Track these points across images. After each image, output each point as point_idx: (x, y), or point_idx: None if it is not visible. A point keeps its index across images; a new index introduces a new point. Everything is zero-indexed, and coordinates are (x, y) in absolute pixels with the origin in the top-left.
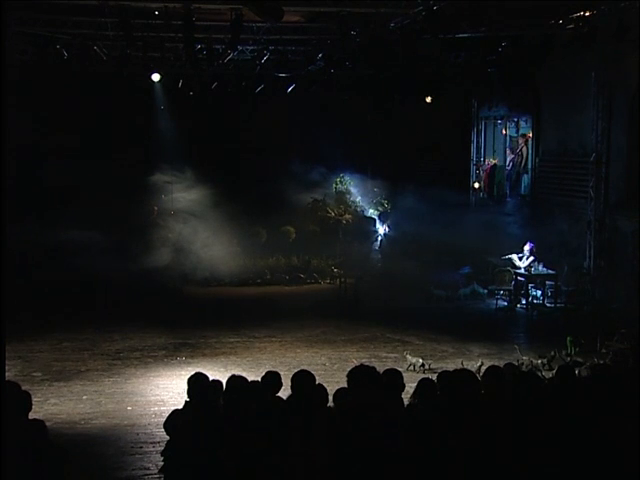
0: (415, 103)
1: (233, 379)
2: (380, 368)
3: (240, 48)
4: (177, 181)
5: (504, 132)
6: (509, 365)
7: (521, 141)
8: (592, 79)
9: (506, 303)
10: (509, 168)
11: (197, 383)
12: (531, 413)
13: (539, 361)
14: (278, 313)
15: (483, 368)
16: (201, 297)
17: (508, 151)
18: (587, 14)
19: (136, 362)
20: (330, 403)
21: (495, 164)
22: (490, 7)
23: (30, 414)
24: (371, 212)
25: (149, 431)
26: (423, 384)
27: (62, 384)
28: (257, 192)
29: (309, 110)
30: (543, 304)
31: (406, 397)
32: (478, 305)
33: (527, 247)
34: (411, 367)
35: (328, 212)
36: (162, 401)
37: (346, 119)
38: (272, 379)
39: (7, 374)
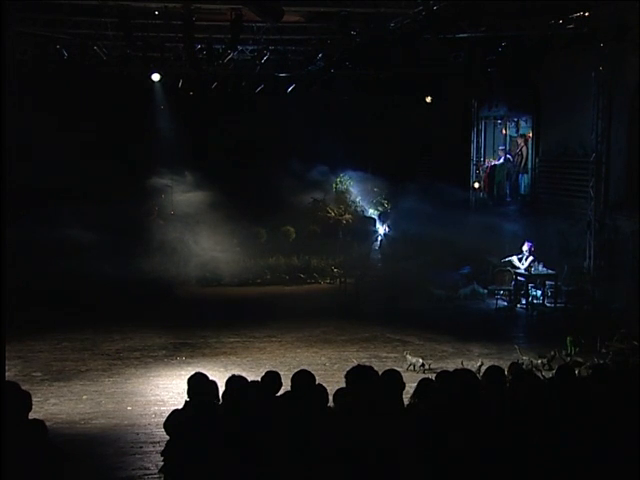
0: (415, 103)
1: (233, 379)
2: (380, 368)
3: (240, 48)
4: (177, 181)
5: (504, 132)
6: (514, 365)
7: (521, 141)
8: (592, 79)
9: (506, 303)
10: (502, 162)
11: (197, 383)
12: (531, 413)
13: (539, 361)
14: (278, 313)
15: (483, 368)
16: (201, 297)
17: (501, 151)
18: (587, 14)
19: (136, 362)
20: (330, 403)
21: (495, 164)
22: (490, 7)
23: (30, 414)
24: (371, 212)
25: (149, 431)
26: (423, 384)
27: (62, 384)
28: (257, 192)
29: (309, 110)
30: (543, 304)
31: (406, 397)
32: (478, 305)
33: (526, 247)
34: (411, 367)
35: (328, 212)
36: (162, 401)
37: (346, 119)
38: (272, 379)
39: (7, 374)
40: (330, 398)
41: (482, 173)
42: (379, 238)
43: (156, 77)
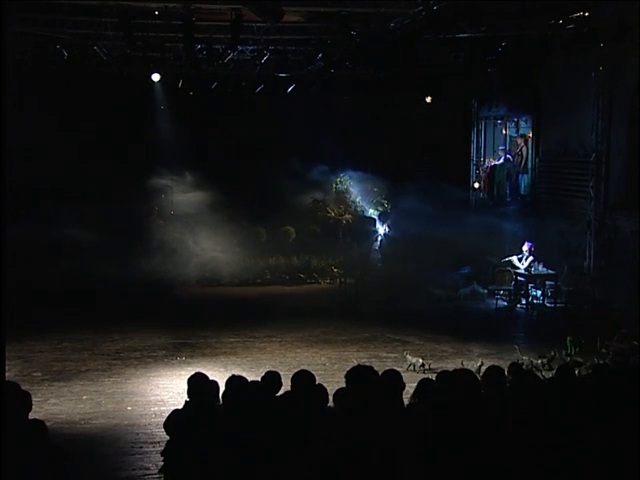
0: (415, 103)
1: (233, 379)
2: (380, 368)
3: (240, 48)
4: (177, 181)
5: (504, 132)
6: (514, 365)
7: (521, 141)
8: (592, 79)
9: (506, 303)
10: (502, 162)
11: (197, 383)
12: (531, 413)
13: (539, 361)
14: (278, 313)
15: (483, 368)
16: (201, 297)
17: (501, 151)
18: (587, 14)
19: (136, 362)
20: (330, 403)
21: (495, 164)
22: (490, 7)
23: (30, 414)
24: (371, 212)
25: (149, 431)
26: (423, 384)
27: (62, 384)
28: (257, 192)
29: (309, 110)
30: (543, 304)
31: (406, 397)
32: (478, 305)
33: (526, 247)
34: (411, 367)
35: (328, 212)
36: (162, 401)
37: (346, 119)
38: (272, 379)
39: (7, 374)
40: (330, 398)
41: (482, 173)
42: (379, 238)
43: (156, 77)
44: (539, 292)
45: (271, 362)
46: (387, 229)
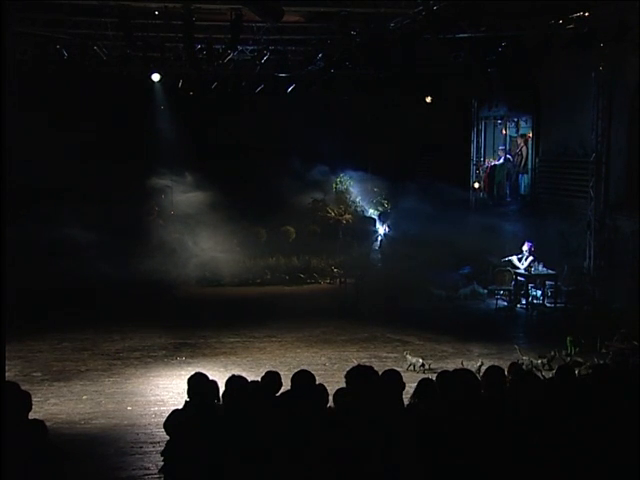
0: (415, 103)
1: (233, 379)
2: (380, 368)
3: (240, 48)
4: (177, 181)
5: (504, 132)
6: (514, 365)
7: (521, 141)
8: (592, 79)
9: (506, 303)
10: (502, 162)
11: (197, 383)
12: (531, 413)
13: (539, 361)
14: (278, 313)
15: (483, 368)
16: (201, 297)
17: (501, 151)
18: (587, 14)
19: (136, 362)
20: (330, 403)
21: (495, 164)
22: (490, 7)
23: (30, 414)
24: (371, 212)
25: (149, 431)
26: (423, 384)
27: (62, 384)
28: (257, 192)
29: (309, 110)
30: (543, 304)
31: (406, 397)
32: (478, 305)
33: (526, 247)
34: (411, 367)
35: (328, 212)
36: (162, 401)
37: (346, 119)
38: (272, 379)
39: (7, 374)
40: (330, 398)
41: (482, 173)
42: (379, 238)
43: (156, 77)
44: (539, 292)
45: (271, 362)
46: (387, 229)
